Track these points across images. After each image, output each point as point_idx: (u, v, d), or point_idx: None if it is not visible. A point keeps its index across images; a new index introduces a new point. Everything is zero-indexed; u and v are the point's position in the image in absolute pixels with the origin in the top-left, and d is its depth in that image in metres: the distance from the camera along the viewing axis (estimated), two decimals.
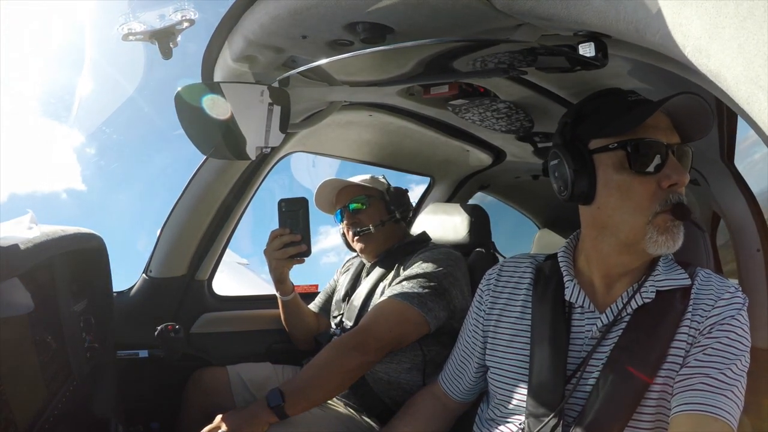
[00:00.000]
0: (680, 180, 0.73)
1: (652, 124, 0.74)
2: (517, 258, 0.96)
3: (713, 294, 0.74)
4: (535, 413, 0.77)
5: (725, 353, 0.69)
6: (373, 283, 1.36)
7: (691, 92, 0.69)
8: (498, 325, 0.90)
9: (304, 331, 1.51)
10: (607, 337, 0.77)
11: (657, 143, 0.73)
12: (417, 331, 1.16)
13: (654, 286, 0.76)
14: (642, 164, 0.74)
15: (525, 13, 0.62)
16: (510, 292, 0.91)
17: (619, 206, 0.76)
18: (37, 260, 0.66)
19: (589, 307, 0.80)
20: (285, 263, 1.28)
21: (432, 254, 1.28)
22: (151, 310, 1.50)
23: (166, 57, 0.91)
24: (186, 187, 1.44)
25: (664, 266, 0.79)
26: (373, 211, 1.40)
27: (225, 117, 0.94)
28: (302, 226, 1.25)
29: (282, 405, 1.01)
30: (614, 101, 0.80)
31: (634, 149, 0.74)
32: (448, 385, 0.99)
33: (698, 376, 0.68)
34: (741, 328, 0.71)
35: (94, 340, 1.06)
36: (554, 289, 0.84)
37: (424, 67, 0.81)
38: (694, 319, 0.73)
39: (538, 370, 0.80)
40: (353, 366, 1.10)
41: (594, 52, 0.65)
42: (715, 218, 1.81)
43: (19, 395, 0.68)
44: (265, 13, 0.76)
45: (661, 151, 0.73)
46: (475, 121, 1.33)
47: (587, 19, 0.53)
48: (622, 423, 0.71)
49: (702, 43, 0.40)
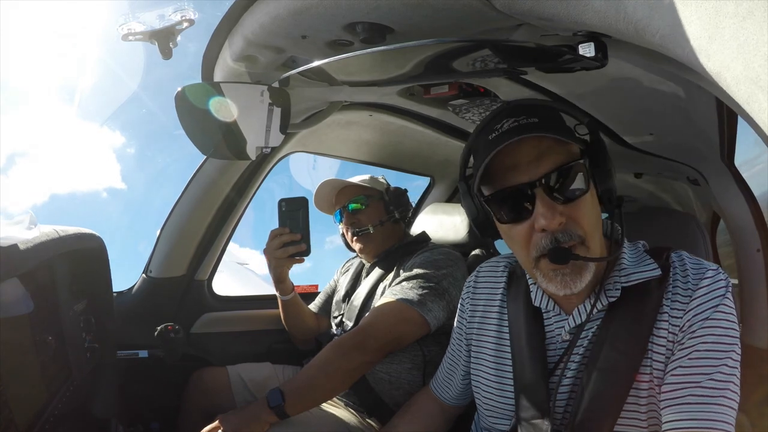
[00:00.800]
0: (547, 224, 0.67)
1: (509, 164, 0.70)
2: (494, 261, 0.95)
3: (690, 282, 0.70)
4: (525, 417, 0.77)
5: (713, 353, 0.65)
6: (372, 283, 1.36)
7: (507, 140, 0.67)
8: (480, 332, 0.90)
9: (304, 331, 1.51)
10: (581, 336, 0.75)
11: (513, 190, 0.70)
12: (417, 331, 1.16)
13: (619, 283, 0.73)
14: (503, 216, 0.72)
15: (525, 13, 0.62)
16: (487, 297, 0.91)
17: (511, 247, 0.76)
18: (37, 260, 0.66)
19: (555, 310, 0.79)
20: (284, 262, 1.28)
21: (431, 254, 1.28)
22: (151, 310, 1.50)
23: (166, 57, 0.91)
24: (186, 187, 1.44)
25: (631, 258, 0.76)
26: (372, 211, 1.40)
27: (225, 117, 0.94)
28: (302, 225, 1.25)
29: (282, 405, 1.01)
30: (482, 141, 0.74)
31: (494, 203, 0.72)
32: (439, 391, 1.00)
33: (687, 387, 0.65)
34: (725, 320, 0.66)
35: (94, 340, 1.06)
36: (525, 293, 0.83)
37: (424, 67, 0.81)
38: (672, 312, 0.69)
39: (521, 377, 0.79)
40: (353, 366, 1.10)
41: (594, 52, 0.65)
42: (715, 218, 1.82)
43: (19, 395, 0.68)
44: (265, 13, 0.76)
45: (520, 196, 0.70)
46: (475, 121, 1.33)
47: (587, 19, 0.53)
48: (612, 419, 0.69)
49: (702, 43, 0.40)
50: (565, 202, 0.69)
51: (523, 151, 0.69)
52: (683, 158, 1.34)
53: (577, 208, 0.69)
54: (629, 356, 0.69)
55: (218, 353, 1.54)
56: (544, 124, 0.70)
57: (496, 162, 0.70)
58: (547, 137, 0.69)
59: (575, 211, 0.69)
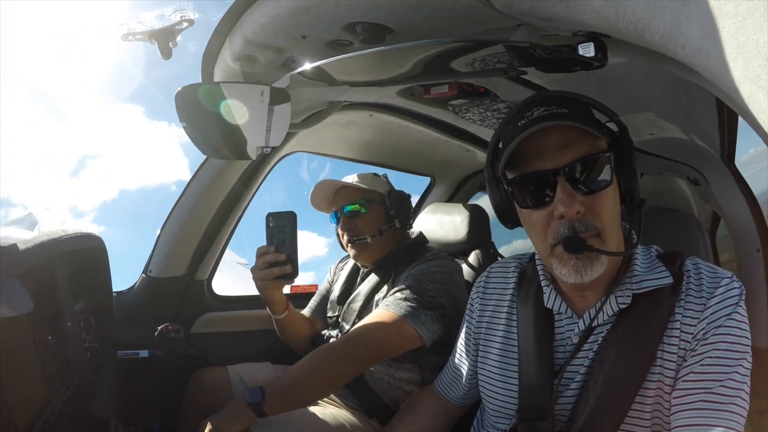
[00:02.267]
0: (566, 211, 0.68)
1: (535, 150, 0.71)
2: (504, 261, 0.95)
3: (705, 290, 0.70)
4: (527, 418, 0.77)
5: (725, 360, 0.65)
6: (369, 289, 1.33)
7: (539, 124, 0.68)
8: (488, 332, 0.90)
9: (301, 340, 1.48)
10: (588, 341, 0.75)
11: (535, 175, 0.71)
12: (408, 344, 1.14)
13: (630, 290, 0.73)
14: (525, 201, 0.73)
15: (525, 13, 0.62)
16: (497, 297, 0.91)
17: (530, 235, 0.76)
18: (37, 260, 0.66)
19: (567, 313, 0.79)
20: (269, 284, 1.18)
21: (427, 267, 1.23)
22: (151, 310, 1.50)
23: (166, 57, 0.91)
24: (186, 186, 1.44)
25: (643, 264, 0.76)
26: (372, 217, 1.33)
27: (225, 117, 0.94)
28: (289, 244, 1.14)
29: (261, 403, 0.98)
30: (509, 127, 0.76)
31: (518, 187, 0.73)
32: (445, 390, 0.99)
33: (698, 392, 0.65)
34: (738, 327, 0.67)
35: (94, 340, 1.06)
36: (535, 294, 0.83)
37: (424, 67, 0.81)
38: (685, 321, 0.69)
39: (526, 377, 0.79)
40: (337, 375, 1.08)
41: (594, 52, 0.65)
42: (715, 218, 1.81)
43: (19, 395, 0.68)
44: (265, 13, 0.76)
45: (543, 182, 0.70)
46: (475, 121, 1.33)
47: (587, 19, 0.52)
48: (615, 425, 0.69)
49: (702, 43, 0.40)
50: (586, 193, 0.70)
51: (550, 139, 0.70)
52: (683, 158, 1.34)
53: (598, 201, 0.70)
54: (637, 363, 0.69)
55: (218, 353, 1.54)
56: (573, 115, 0.71)
57: (523, 147, 0.71)
58: (574, 127, 0.69)
59: (595, 203, 0.70)
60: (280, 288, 1.24)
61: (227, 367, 1.41)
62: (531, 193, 0.72)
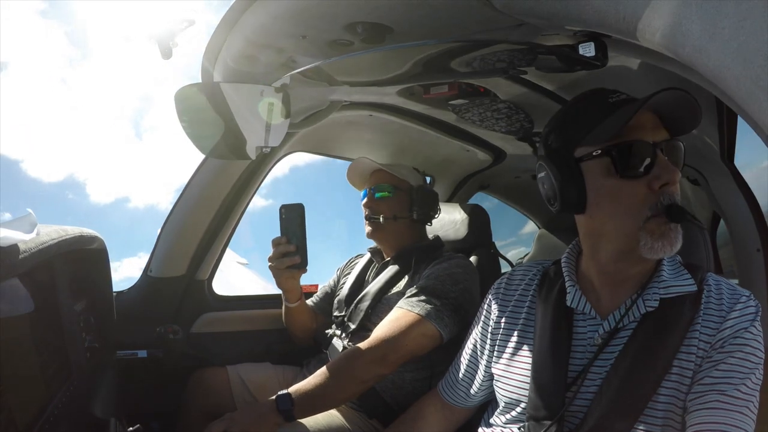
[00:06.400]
0: (671, 178, 0.70)
1: (637, 124, 0.71)
2: (527, 265, 0.95)
3: (725, 304, 0.72)
4: (535, 417, 0.77)
5: (739, 368, 0.67)
6: (381, 285, 1.34)
7: (673, 87, 0.67)
8: (505, 332, 0.89)
9: (305, 331, 1.51)
10: (610, 343, 0.75)
11: (642, 144, 0.71)
12: (432, 345, 1.16)
13: (658, 294, 0.74)
14: (629, 168, 0.71)
15: (525, 13, 0.62)
16: (518, 299, 0.90)
17: (611, 213, 0.74)
18: (37, 260, 0.66)
19: (590, 313, 0.79)
20: (282, 273, 1.25)
21: (449, 266, 1.26)
22: (151, 310, 1.50)
23: (166, 57, 0.91)
24: (186, 186, 1.44)
25: (669, 270, 0.77)
26: (394, 203, 1.40)
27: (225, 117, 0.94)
28: (298, 235, 1.20)
29: (291, 409, 1.02)
30: (595, 104, 0.77)
31: (619, 154, 0.72)
32: (449, 393, 0.99)
33: (713, 393, 0.66)
34: (755, 340, 0.69)
35: (94, 340, 1.06)
36: (557, 294, 0.83)
37: (424, 66, 0.81)
38: (704, 330, 0.71)
39: (539, 375, 0.79)
40: (369, 378, 1.11)
41: (594, 52, 0.65)
42: (715, 218, 1.81)
43: (19, 395, 0.68)
44: (265, 13, 0.76)
45: (647, 151, 0.71)
46: (475, 121, 1.33)
47: (587, 19, 0.53)
48: (625, 430, 0.69)
49: (702, 43, 0.40)
50: None
51: (646, 116, 0.72)
52: None
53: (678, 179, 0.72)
54: (655, 368, 0.70)
55: (218, 353, 1.54)
56: None
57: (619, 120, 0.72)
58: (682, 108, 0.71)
59: None
60: (293, 277, 1.29)
61: (227, 367, 1.42)
62: (630, 162, 0.72)
